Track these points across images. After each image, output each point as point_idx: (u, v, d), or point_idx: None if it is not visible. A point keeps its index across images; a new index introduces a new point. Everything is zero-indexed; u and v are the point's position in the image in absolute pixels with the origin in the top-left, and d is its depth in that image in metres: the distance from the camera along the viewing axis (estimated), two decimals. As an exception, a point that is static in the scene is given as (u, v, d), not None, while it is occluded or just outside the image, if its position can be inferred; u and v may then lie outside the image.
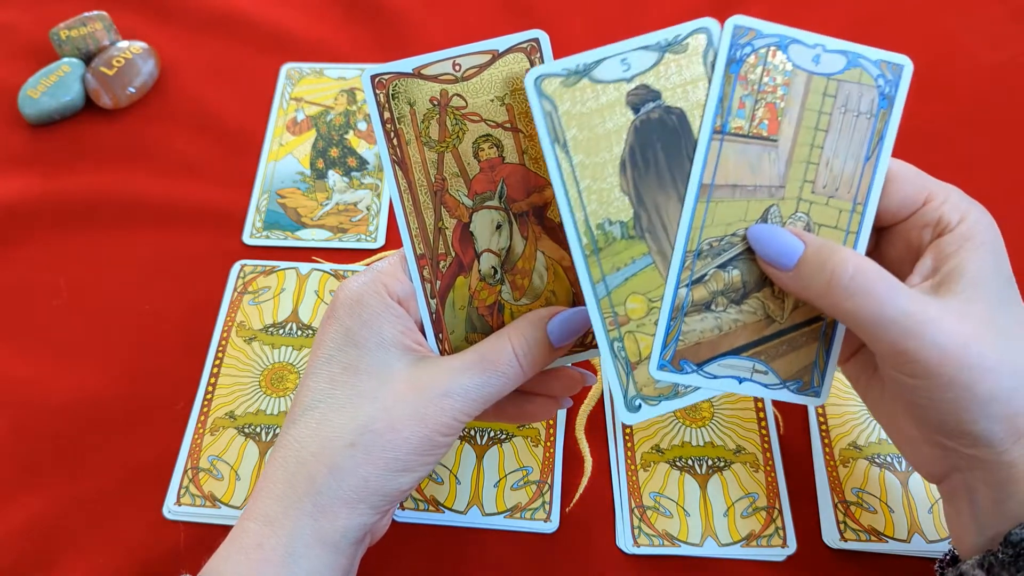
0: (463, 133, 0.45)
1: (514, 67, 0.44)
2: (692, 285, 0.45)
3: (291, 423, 0.44)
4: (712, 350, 0.46)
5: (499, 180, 0.46)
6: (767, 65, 0.44)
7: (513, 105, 0.45)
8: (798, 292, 0.44)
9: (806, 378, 0.47)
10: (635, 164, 0.44)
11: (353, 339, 0.44)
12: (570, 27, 0.83)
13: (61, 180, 0.72)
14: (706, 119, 0.44)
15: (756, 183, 0.45)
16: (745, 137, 0.44)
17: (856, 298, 0.41)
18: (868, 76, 0.45)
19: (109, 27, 0.80)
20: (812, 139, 0.45)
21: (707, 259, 0.45)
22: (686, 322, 0.45)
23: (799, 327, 0.46)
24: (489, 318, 0.47)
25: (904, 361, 0.41)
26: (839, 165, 0.45)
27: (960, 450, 0.43)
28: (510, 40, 0.44)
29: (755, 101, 0.44)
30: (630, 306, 0.45)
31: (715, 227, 0.45)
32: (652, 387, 0.45)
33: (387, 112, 0.44)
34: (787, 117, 0.45)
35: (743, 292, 0.46)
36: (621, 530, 0.55)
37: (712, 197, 0.44)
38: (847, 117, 0.45)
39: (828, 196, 0.45)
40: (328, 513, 0.42)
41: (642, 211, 0.44)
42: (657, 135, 0.44)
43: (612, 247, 0.44)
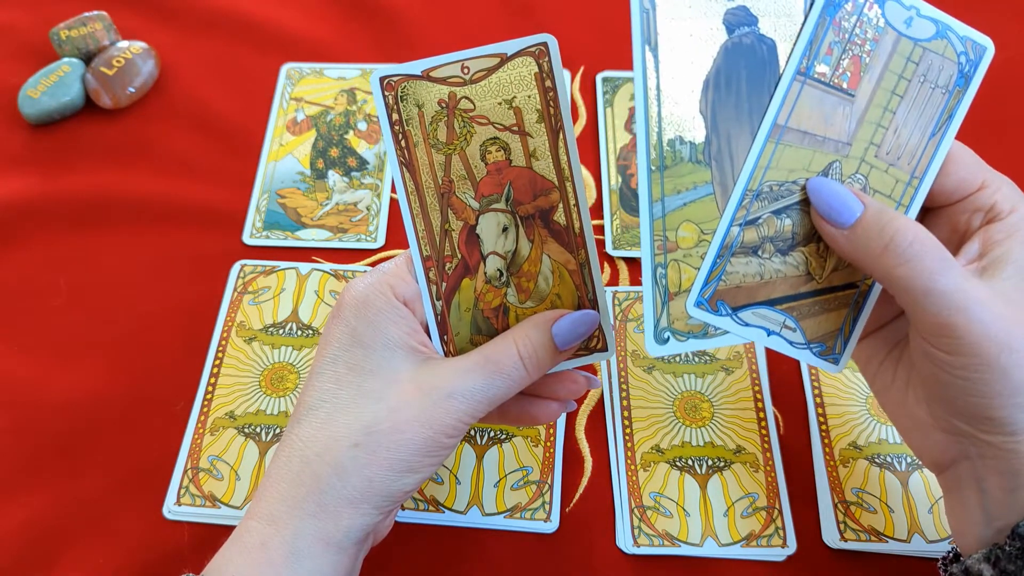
0: (471, 136, 0.45)
1: (522, 70, 0.45)
2: (745, 225, 0.44)
3: (296, 422, 0.44)
4: (749, 296, 0.45)
5: (506, 183, 0.46)
6: (862, 16, 0.44)
7: (521, 109, 0.45)
8: (850, 251, 0.43)
9: (830, 343, 0.47)
10: (718, 86, 0.43)
11: (359, 339, 0.44)
12: (570, 27, 0.83)
13: (61, 180, 0.72)
14: (793, 57, 0.43)
15: (826, 135, 0.44)
16: (826, 85, 0.44)
17: (911, 264, 0.41)
18: (952, 50, 0.45)
19: (109, 27, 0.80)
20: (887, 102, 0.44)
21: (764, 202, 0.44)
22: (731, 263, 0.44)
23: (834, 290, 0.46)
24: (494, 320, 0.47)
25: (946, 335, 0.41)
26: (906, 135, 0.45)
27: (977, 436, 0.43)
28: (519, 44, 0.44)
29: (843, 50, 0.44)
30: (681, 234, 0.44)
31: (778, 171, 0.44)
32: (684, 322, 0.44)
33: (395, 114, 0.45)
34: (869, 74, 0.44)
35: (791, 243, 0.45)
36: (621, 530, 0.56)
37: (782, 139, 0.44)
38: (924, 88, 0.45)
39: (889, 164, 0.45)
40: (332, 513, 0.42)
41: (714, 137, 0.43)
42: (745, 62, 0.43)
43: (678, 168, 0.43)
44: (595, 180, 0.72)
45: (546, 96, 0.45)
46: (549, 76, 0.45)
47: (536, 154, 0.46)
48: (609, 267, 0.68)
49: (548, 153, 0.46)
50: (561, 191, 0.46)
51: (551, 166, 0.46)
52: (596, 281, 0.47)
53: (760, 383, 0.61)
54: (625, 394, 0.61)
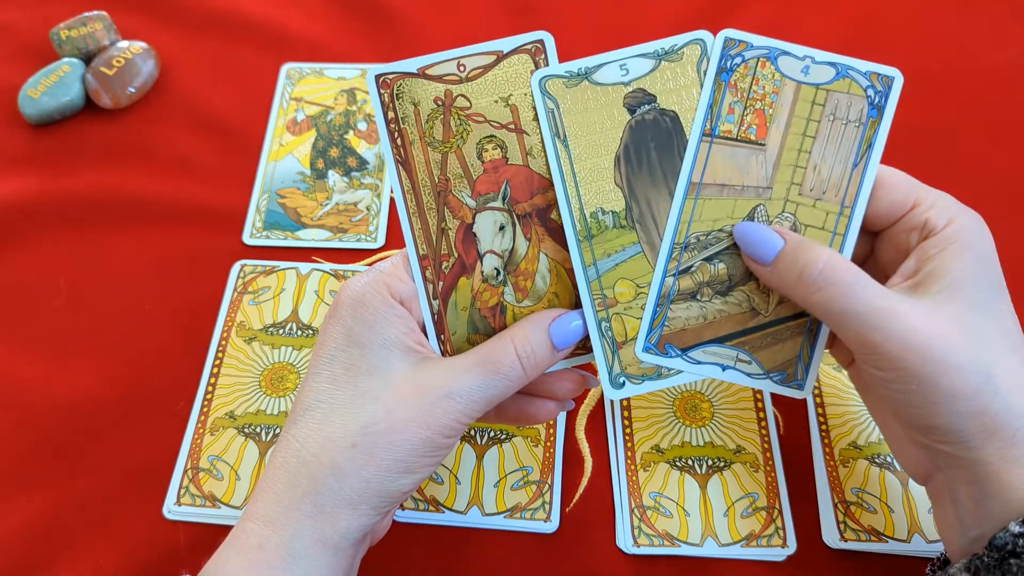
0: (467, 134, 0.45)
1: (518, 68, 0.44)
2: (679, 275, 0.47)
3: (292, 423, 0.44)
4: (696, 337, 0.47)
5: (503, 181, 0.46)
6: (756, 74, 0.47)
7: (517, 106, 0.45)
8: (775, 285, 0.46)
9: (790, 370, 0.48)
10: (629, 160, 0.46)
11: (355, 339, 0.44)
12: (570, 27, 0.83)
13: (61, 180, 0.72)
14: (696, 122, 0.47)
15: (744, 183, 0.47)
16: (733, 140, 0.46)
17: (824, 290, 0.42)
18: (858, 87, 0.46)
19: (109, 27, 0.80)
20: (800, 144, 0.47)
21: (694, 251, 0.47)
22: (672, 309, 0.47)
23: (784, 321, 0.48)
24: (491, 319, 0.47)
25: (870, 353, 0.42)
26: (827, 169, 0.47)
27: (936, 447, 0.43)
28: (515, 41, 0.44)
29: (744, 108, 0.46)
30: (619, 290, 0.47)
31: (702, 222, 0.47)
32: (636, 367, 0.47)
33: (391, 112, 0.44)
34: (775, 123, 0.47)
35: (729, 284, 0.47)
36: (621, 530, 0.56)
37: (700, 194, 0.46)
38: (835, 125, 0.46)
39: (815, 198, 0.47)
40: (329, 514, 0.42)
41: (634, 203, 0.47)
42: (651, 134, 0.46)
43: (604, 235, 0.47)
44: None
45: None
46: None
47: (533, 152, 0.45)
48: (609, 267, 0.67)
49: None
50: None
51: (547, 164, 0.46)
52: None
53: (760, 383, 0.61)
54: (625, 394, 0.61)
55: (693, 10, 0.83)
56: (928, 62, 0.79)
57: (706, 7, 0.83)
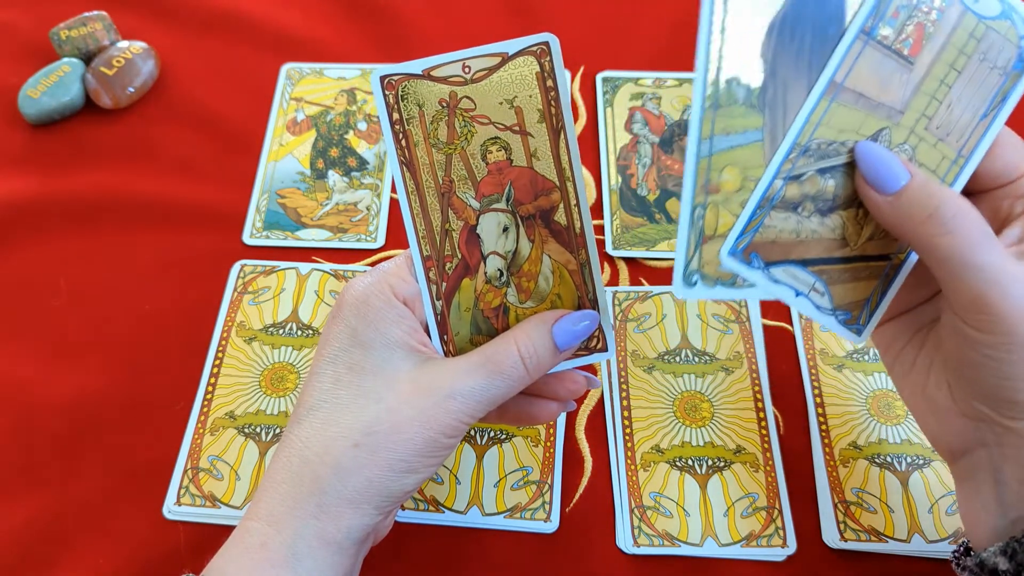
0: (472, 135, 0.45)
1: (523, 70, 0.45)
2: (789, 180, 0.43)
3: (295, 422, 0.44)
4: (784, 253, 0.44)
5: (507, 183, 0.46)
6: None
7: (522, 108, 0.45)
8: (892, 218, 0.43)
9: (855, 312, 0.46)
10: (783, 32, 0.42)
11: (358, 339, 0.44)
12: (570, 27, 0.83)
13: (61, 180, 0.72)
14: (859, 15, 0.43)
15: (881, 99, 0.44)
16: (887, 48, 0.43)
17: (953, 235, 0.40)
18: (1015, 32, 0.44)
19: (109, 27, 0.80)
20: (945, 76, 0.44)
21: (811, 159, 0.43)
22: (770, 216, 0.43)
23: (866, 259, 0.46)
24: (494, 320, 0.47)
25: (980, 311, 0.40)
26: (959, 111, 0.45)
27: (999, 421, 0.43)
28: (520, 43, 0.44)
29: (909, 15, 0.43)
30: (725, 177, 0.43)
31: (829, 128, 0.44)
32: (714, 267, 0.43)
33: (396, 113, 0.44)
34: (931, 44, 0.44)
35: (831, 204, 0.44)
36: (621, 530, 0.56)
37: (837, 98, 0.43)
38: (982, 66, 0.44)
39: (938, 139, 0.45)
40: (332, 513, 0.42)
41: (771, 83, 0.43)
42: (812, 12, 0.42)
43: (731, 109, 0.42)
44: (595, 180, 0.72)
45: (547, 96, 0.45)
46: (551, 76, 0.45)
47: (537, 154, 0.46)
48: (609, 267, 0.68)
49: (549, 153, 0.46)
50: (562, 191, 0.46)
51: (552, 166, 0.46)
52: (596, 281, 0.47)
53: (760, 383, 0.61)
54: (625, 394, 0.61)
55: (690, 9, 0.83)
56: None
57: None
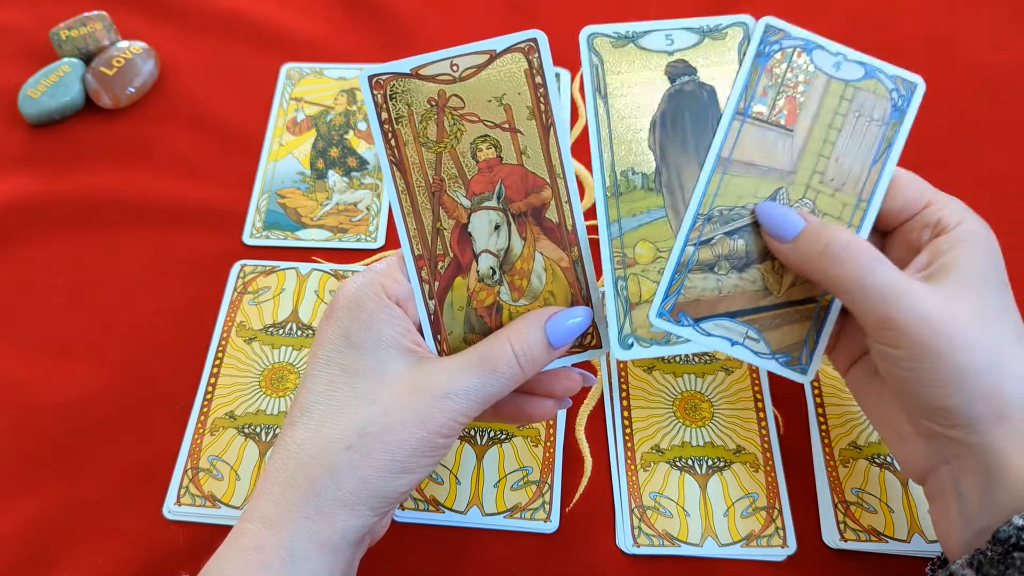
0: (461, 133, 0.45)
1: (512, 67, 0.44)
2: (699, 245, 0.48)
3: (290, 425, 0.44)
4: (710, 309, 0.49)
5: (497, 181, 0.46)
6: (792, 63, 0.49)
7: (511, 106, 0.45)
8: (795, 261, 0.47)
9: (795, 353, 0.49)
10: (664, 126, 0.48)
11: (351, 341, 0.44)
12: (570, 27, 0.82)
13: (61, 180, 0.72)
14: (731, 100, 0.48)
15: (770, 165, 0.48)
16: (764, 122, 0.48)
17: (845, 265, 0.44)
18: (883, 88, 0.48)
19: (109, 27, 0.80)
20: (826, 135, 0.48)
21: (716, 224, 0.48)
22: (689, 278, 0.48)
23: (793, 304, 0.49)
24: (487, 319, 0.47)
25: (886, 328, 0.43)
26: (848, 163, 0.48)
27: (943, 433, 0.44)
28: (508, 40, 0.44)
29: (777, 92, 0.48)
30: (639, 251, 0.48)
31: (727, 197, 0.48)
32: (646, 330, 0.48)
33: (385, 112, 0.44)
34: (805, 111, 0.49)
35: (746, 261, 0.49)
36: (621, 530, 0.55)
37: (728, 170, 0.48)
38: (860, 121, 0.48)
39: (835, 188, 0.48)
40: (327, 515, 0.42)
41: (664, 168, 0.48)
42: (688, 105, 0.48)
43: (632, 194, 0.48)
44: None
45: (536, 93, 0.45)
46: (539, 72, 0.44)
47: (527, 151, 0.45)
48: (609, 266, 0.67)
49: (539, 150, 0.45)
50: (553, 188, 0.46)
51: (542, 163, 0.46)
52: (590, 278, 0.47)
53: (760, 383, 0.61)
54: (625, 394, 0.61)
55: (690, 9, 0.83)
56: (928, 62, 0.78)
57: (703, 7, 0.83)
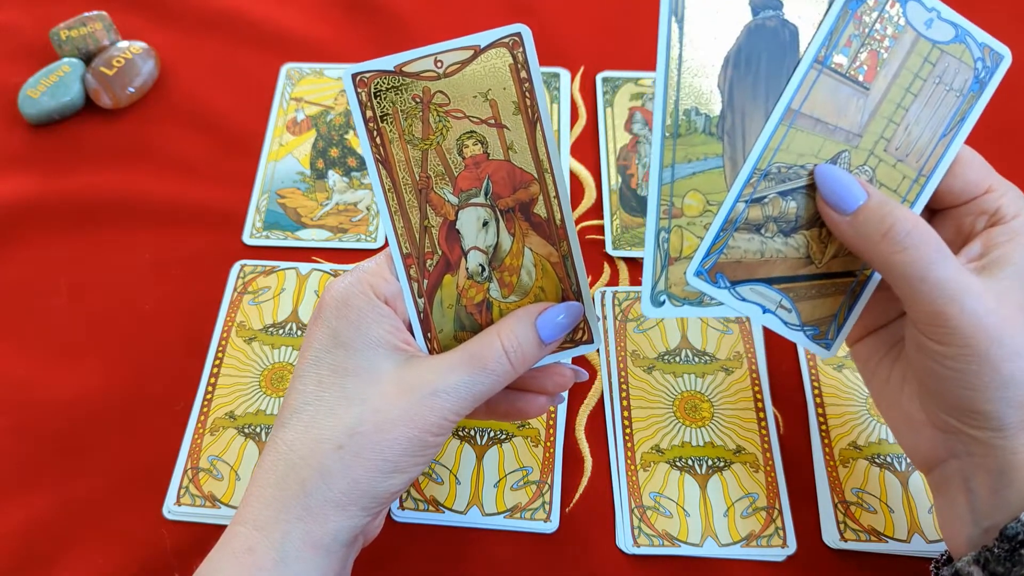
0: (447, 130, 0.45)
1: (496, 62, 0.44)
2: (751, 203, 0.46)
3: (280, 426, 0.44)
4: (749, 272, 0.46)
5: (484, 177, 0.45)
6: (883, 12, 0.45)
7: (497, 101, 0.45)
8: (851, 237, 0.44)
9: (823, 328, 0.48)
10: (738, 64, 0.45)
11: (340, 340, 0.44)
12: (570, 27, 0.82)
13: (61, 180, 0.72)
14: (812, 45, 0.45)
15: (838, 124, 0.46)
16: (842, 76, 0.45)
17: (909, 252, 0.42)
18: (969, 55, 0.46)
19: (109, 27, 0.80)
20: (901, 99, 0.46)
21: (771, 182, 0.46)
22: (734, 237, 0.46)
23: (832, 276, 0.47)
24: (478, 316, 0.47)
25: (938, 324, 0.41)
26: (917, 133, 0.46)
27: (966, 431, 0.43)
28: (492, 35, 0.44)
29: (862, 44, 0.45)
30: (688, 201, 0.45)
31: (788, 153, 0.45)
32: (680, 288, 0.46)
33: (369, 111, 0.44)
34: (885, 69, 0.46)
35: (794, 225, 0.46)
36: (621, 530, 0.55)
37: (794, 124, 0.45)
38: (938, 89, 0.46)
39: (897, 159, 0.46)
40: (318, 516, 0.42)
41: (729, 112, 0.45)
42: (766, 44, 0.45)
43: (690, 137, 0.45)
44: (595, 180, 0.72)
45: (522, 87, 0.44)
46: (524, 67, 0.44)
47: (514, 147, 0.45)
48: (609, 267, 0.67)
49: (526, 145, 0.45)
50: (541, 183, 0.46)
51: (529, 158, 0.45)
52: (579, 273, 0.47)
53: (760, 383, 0.61)
54: (625, 394, 0.60)
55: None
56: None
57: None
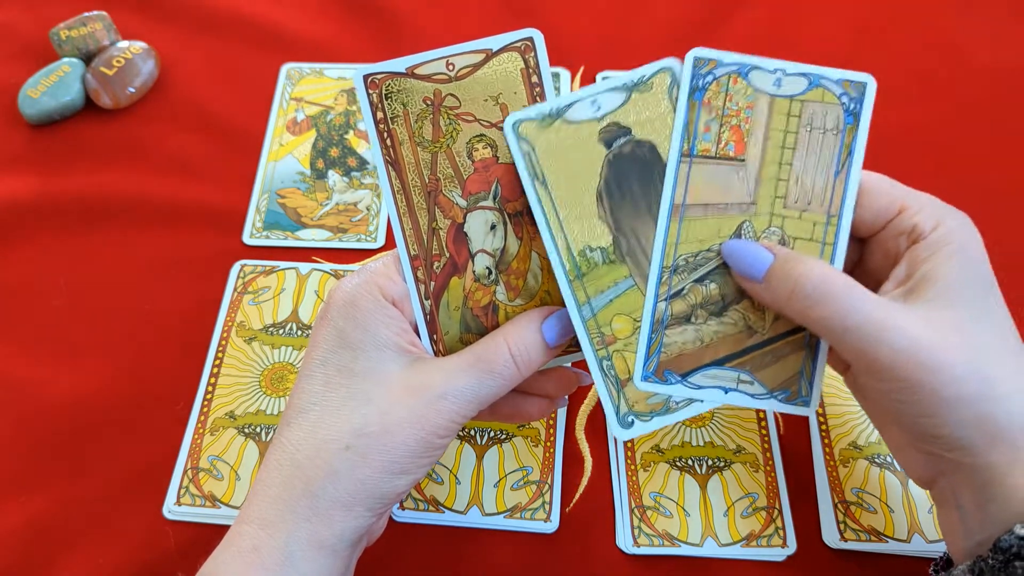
0: (457, 133, 0.45)
1: (508, 66, 0.44)
2: (671, 299, 0.47)
3: (285, 425, 0.44)
4: (695, 361, 0.47)
5: (493, 180, 0.46)
6: (729, 91, 0.46)
7: (507, 105, 0.45)
8: (769, 302, 0.45)
9: (794, 388, 0.47)
10: (611, 194, 0.46)
11: (347, 341, 0.44)
12: (570, 27, 0.82)
13: (61, 180, 0.72)
14: (673, 143, 0.46)
15: (727, 201, 0.46)
16: (713, 158, 0.46)
17: (820, 306, 0.42)
18: (831, 95, 0.46)
19: (109, 27, 0.80)
20: (780, 157, 0.46)
21: (684, 274, 0.46)
22: (667, 335, 0.46)
23: (782, 337, 0.47)
24: (484, 319, 0.47)
25: (870, 365, 0.42)
26: (809, 180, 0.46)
27: (941, 454, 0.43)
28: (504, 39, 0.44)
29: (720, 124, 0.46)
30: (616, 326, 0.46)
31: (690, 243, 0.46)
32: (644, 403, 0.46)
33: (380, 112, 0.44)
34: (753, 137, 0.46)
35: (722, 304, 0.47)
36: (621, 530, 0.55)
37: (685, 216, 0.46)
38: (813, 134, 0.46)
39: (800, 210, 0.46)
40: (324, 516, 0.42)
41: (621, 237, 0.46)
42: (630, 166, 0.46)
43: (595, 272, 0.46)
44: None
45: (532, 92, 0.45)
46: (535, 72, 0.44)
47: None
48: (609, 265, 0.67)
49: None
50: None
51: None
52: None
53: (760, 382, 0.61)
54: (625, 393, 0.61)
55: (691, 10, 0.83)
56: (928, 63, 0.78)
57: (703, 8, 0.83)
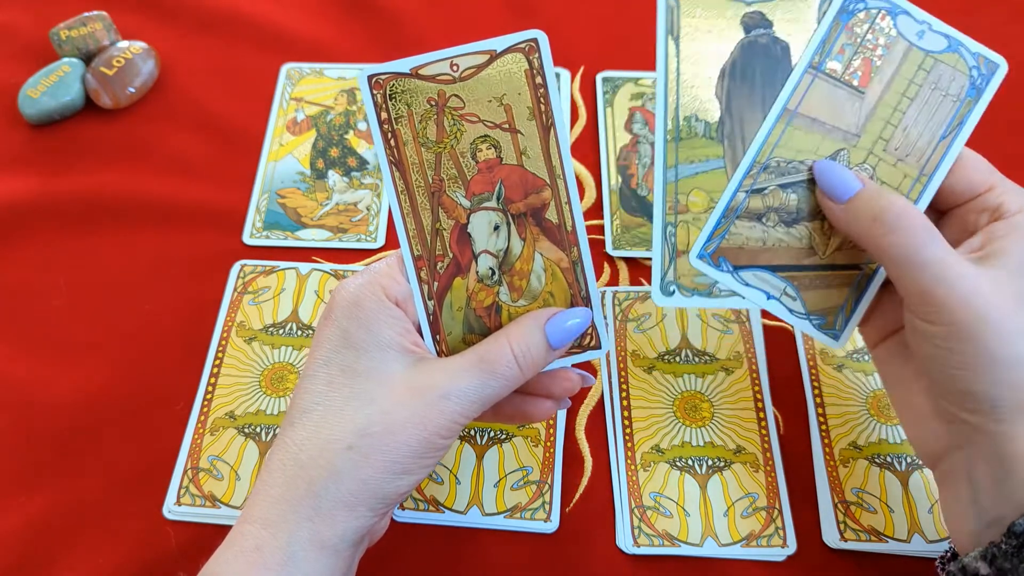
0: (461, 134, 0.45)
1: (512, 67, 0.44)
2: (751, 193, 0.48)
3: (288, 425, 0.44)
4: (751, 258, 0.48)
5: (497, 181, 0.46)
6: (874, 25, 0.48)
7: (511, 106, 0.45)
8: (845, 224, 0.46)
9: (830, 318, 0.49)
10: (734, 76, 0.48)
11: (351, 341, 0.44)
12: (570, 27, 0.82)
13: (61, 180, 0.72)
14: (806, 52, 0.48)
15: (835, 124, 0.48)
16: (837, 80, 0.48)
17: (896, 234, 0.43)
18: (964, 63, 0.48)
19: (109, 27, 0.80)
20: (897, 103, 0.48)
21: (771, 175, 0.48)
22: (736, 224, 0.48)
23: (836, 268, 0.49)
24: (487, 319, 0.47)
25: (928, 304, 0.42)
26: (916, 133, 0.48)
27: (963, 417, 0.44)
28: (508, 40, 0.44)
29: (854, 52, 0.47)
30: (692, 199, 0.48)
31: (787, 149, 0.48)
32: (690, 279, 0.48)
33: (384, 112, 0.44)
34: (880, 75, 0.48)
35: (795, 216, 0.48)
36: (621, 530, 0.55)
37: (792, 122, 0.48)
38: (935, 94, 0.48)
39: (898, 159, 0.48)
40: (326, 516, 0.42)
41: (727, 118, 0.48)
42: (759, 58, 0.48)
43: (692, 141, 0.48)
44: (595, 180, 0.72)
45: (536, 93, 0.45)
46: (540, 73, 0.44)
47: (527, 152, 0.45)
48: (609, 267, 0.67)
49: (539, 150, 0.45)
50: (553, 189, 0.46)
51: (542, 164, 0.46)
52: (589, 279, 0.47)
53: (760, 383, 0.61)
54: (625, 394, 0.61)
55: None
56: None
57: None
